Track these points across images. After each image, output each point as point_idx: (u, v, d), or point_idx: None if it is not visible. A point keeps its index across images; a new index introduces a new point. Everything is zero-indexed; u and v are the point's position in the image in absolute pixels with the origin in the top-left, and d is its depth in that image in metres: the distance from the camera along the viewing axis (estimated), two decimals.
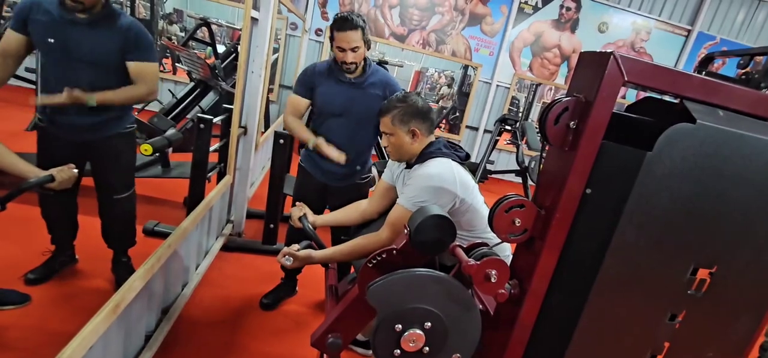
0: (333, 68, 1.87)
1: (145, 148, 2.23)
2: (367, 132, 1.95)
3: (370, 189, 2.10)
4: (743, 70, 0.92)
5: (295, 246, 1.41)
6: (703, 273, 0.79)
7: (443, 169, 1.34)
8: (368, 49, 1.84)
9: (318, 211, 2.07)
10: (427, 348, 0.86)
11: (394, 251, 0.95)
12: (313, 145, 1.87)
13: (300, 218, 1.60)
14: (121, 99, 1.76)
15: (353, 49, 1.76)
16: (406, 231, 0.95)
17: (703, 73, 0.89)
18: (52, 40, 1.61)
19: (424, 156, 1.41)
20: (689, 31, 5.94)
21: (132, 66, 1.75)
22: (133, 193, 2.01)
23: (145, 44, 1.76)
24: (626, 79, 0.68)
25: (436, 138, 1.47)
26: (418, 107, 1.42)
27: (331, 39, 1.79)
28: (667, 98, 0.82)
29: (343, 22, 1.73)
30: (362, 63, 1.86)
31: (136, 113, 3.42)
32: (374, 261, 0.95)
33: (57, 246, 2.02)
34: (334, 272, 1.44)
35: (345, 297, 1.02)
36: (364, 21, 1.77)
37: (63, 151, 1.76)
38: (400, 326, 0.83)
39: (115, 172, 1.93)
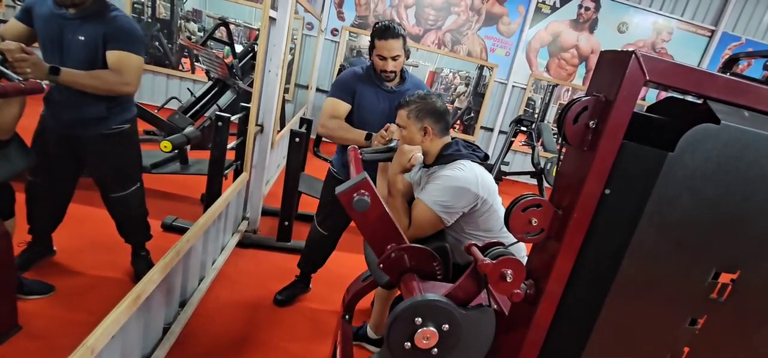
0: (371, 75, 1.88)
1: (165, 145, 2.29)
2: None
3: None
4: None
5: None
6: (725, 278, 0.77)
7: (467, 171, 1.35)
8: (407, 58, 1.86)
9: (346, 223, 2.07)
10: (436, 350, 0.86)
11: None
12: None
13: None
14: (88, 82, 1.62)
15: (394, 58, 1.79)
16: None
17: (728, 74, 0.87)
18: (46, 34, 1.64)
19: (445, 158, 1.41)
20: (713, 32, 5.78)
21: (110, 55, 1.67)
22: (135, 191, 1.97)
23: (126, 35, 1.69)
24: (648, 78, 0.67)
25: (453, 139, 1.47)
26: (435, 107, 1.42)
27: (371, 47, 1.82)
28: (689, 99, 0.81)
29: (385, 31, 1.75)
30: (400, 72, 1.88)
31: (156, 111, 3.52)
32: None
33: (34, 237, 1.96)
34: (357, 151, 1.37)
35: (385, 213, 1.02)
36: (404, 30, 1.80)
37: (56, 146, 1.79)
38: (420, 319, 0.83)
39: (107, 171, 1.89)
